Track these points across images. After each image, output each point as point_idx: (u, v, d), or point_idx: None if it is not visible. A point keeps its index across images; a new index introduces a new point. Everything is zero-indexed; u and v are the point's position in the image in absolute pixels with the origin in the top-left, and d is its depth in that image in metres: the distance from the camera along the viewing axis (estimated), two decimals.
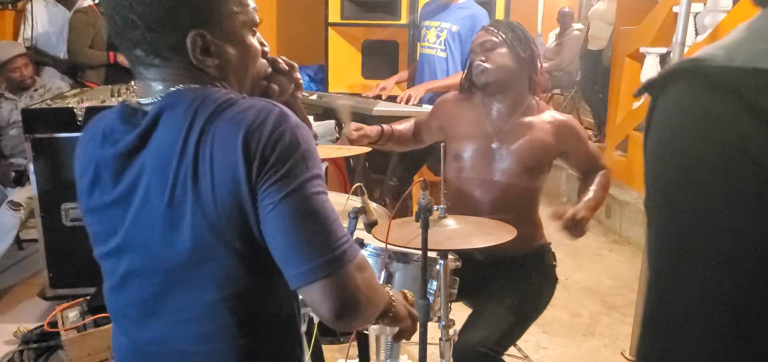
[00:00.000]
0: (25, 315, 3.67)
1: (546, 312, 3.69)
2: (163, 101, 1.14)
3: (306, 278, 1.09)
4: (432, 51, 3.99)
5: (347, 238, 1.12)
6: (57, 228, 3.56)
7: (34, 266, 4.19)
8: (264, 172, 1.06)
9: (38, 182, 3.51)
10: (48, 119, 3.48)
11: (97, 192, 1.20)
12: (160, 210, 1.11)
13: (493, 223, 2.10)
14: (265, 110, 1.09)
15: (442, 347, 2.03)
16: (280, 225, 1.07)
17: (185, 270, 1.14)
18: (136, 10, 1.11)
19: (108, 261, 1.24)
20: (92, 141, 1.22)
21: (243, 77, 1.24)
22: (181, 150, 1.09)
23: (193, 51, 1.14)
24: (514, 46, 2.42)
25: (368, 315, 1.19)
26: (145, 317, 1.21)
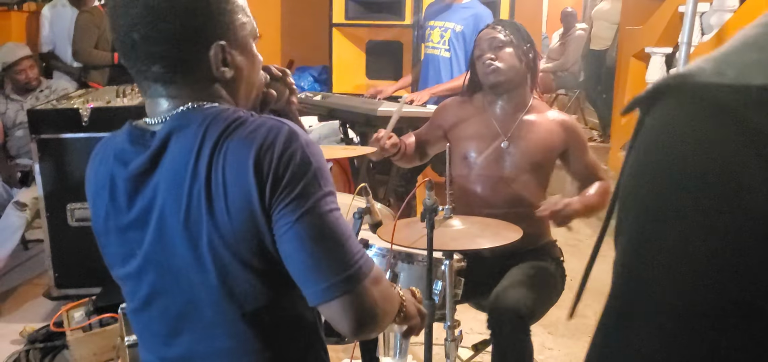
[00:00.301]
0: (31, 315, 3.67)
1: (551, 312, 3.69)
2: (172, 122, 1.14)
3: (324, 296, 1.11)
4: (436, 51, 3.98)
5: (362, 253, 1.14)
6: (62, 229, 3.57)
7: (40, 266, 4.19)
8: (278, 193, 1.08)
9: (44, 182, 3.52)
10: (54, 120, 3.49)
11: (112, 215, 1.20)
12: (178, 230, 1.12)
13: (499, 223, 2.10)
14: (275, 129, 1.10)
15: (447, 347, 2.03)
16: (296, 245, 1.09)
17: (206, 288, 1.15)
18: (158, 26, 1.11)
19: (128, 282, 1.25)
20: (103, 163, 1.22)
21: (250, 87, 1.26)
22: (192, 170, 1.10)
23: (216, 62, 1.15)
24: (520, 45, 2.43)
25: (385, 324, 1.21)
26: (171, 336, 1.23)
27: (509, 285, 2.30)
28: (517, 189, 2.48)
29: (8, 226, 3.82)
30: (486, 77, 2.47)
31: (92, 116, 3.46)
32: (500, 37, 2.44)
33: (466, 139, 2.53)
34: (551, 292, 2.48)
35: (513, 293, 2.24)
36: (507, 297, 2.23)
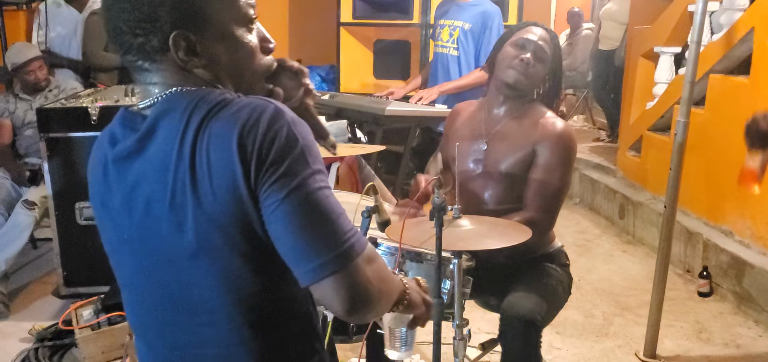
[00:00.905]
0: (39, 314, 3.69)
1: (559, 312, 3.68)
2: (160, 106, 1.14)
3: (315, 275, 1.07)
4: (445, 49, 3.98)
5: (354, 231, 1.11)
6: (71, 227, 3.58)
7: (49, 264, 4.21)
8: (263, 172, 1.05)
9: (53, 181, 3.53)
10: (62, 119, 3.50)
11: (103, 197, 1.22)
12: (164, 214, 1.11)
13: (508, 224, 2.10)
14: (259, 108, 1.07)
15: (455, 346, 2.02)
16: (284, 224, 1.06)
17: (195, 274, 1.13)
18: (121, 17, 1.12)
19: (119, 267, 1.26)
20: (100, 146, 1.24)
21: (239, 76, 1.21)
22: (177, 154, 1.08)
23: (176, 52, 1.12)
24: (555, 65, 2.43)
25: (382, 306, 1.18)
26: (163, 325, 1.22)
27: (522, 294, 2.28)
28: (496, 192, 2.42)
29: (17, 225, 3.83)
30: (511, 73, 2.38)
31: (101, 115, 3.47)
32: (546, 51, 2.38)
33: (456, 139, 2.49)
34: (560, 299, 2.47)
35: (527, 302, 2.23)
36: (521, 306, 2.22)
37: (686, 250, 4.48)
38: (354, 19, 5.51)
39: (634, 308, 3.93)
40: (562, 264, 2.55)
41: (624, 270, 4.59)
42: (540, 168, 2.35)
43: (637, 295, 4.10)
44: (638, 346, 3.44)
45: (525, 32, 2.42)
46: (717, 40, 4.47)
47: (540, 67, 2.39)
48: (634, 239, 5.22)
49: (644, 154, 5.48)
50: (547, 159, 2.34)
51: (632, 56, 5.93)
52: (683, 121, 3.12)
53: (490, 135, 2.44)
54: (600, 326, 3.72)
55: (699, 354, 3.45)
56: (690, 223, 4.51)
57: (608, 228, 5.56)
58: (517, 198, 2.41)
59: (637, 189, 5.47)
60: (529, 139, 2.38)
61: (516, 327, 2.19)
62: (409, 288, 1.32)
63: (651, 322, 3.35)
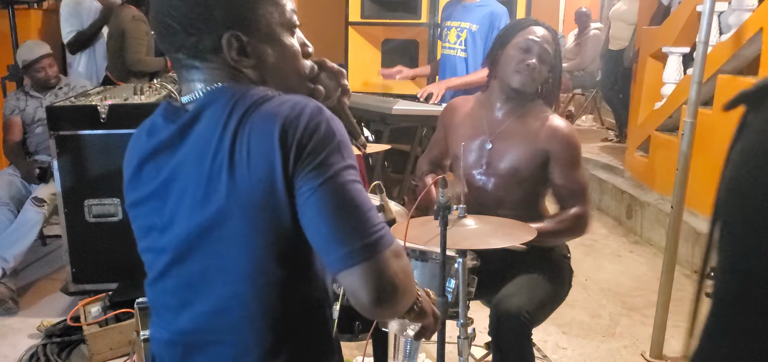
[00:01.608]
0: (48, 310, 3.72)
1: (565, 312, 3.68)
2: (204, 98, 1.19)
3: (345, 262, 1.10)
4: (453, 51, 3.98)
5: (383, 225, 1.14)
6: (80, 225, 3.60)
7: (58, 261, 4.25)
8: (301, 160, 1.09)
9: (62, 179, 3.55)
10: (72, 116, 3.53)
11: (139, 186, 1.25)
12: (198, 200, 1.15)
13: (514, 223, 2.10)
14: (301, 103, 1.13)
15: (460, 345, 2.03)
16: (318, 211, 1.10)
17: (219, 259, 1.17)
18: (173, 16, 1.16)
19: (148, 254, 1.29)
20: (138, 138, 1.28)
21: (283, 78, 1.26)
22: (218, 142, 1.13)
23: (229, 51, 1.18)
24: (556, 66, 2.44)
25: (404, 303, 1.20)
26: (181, 307, 1.25)
27: (513, 291, 2.29)
28: (500, 192, 2.43)
29: (26, 222, 3.86)
30: (518, 78, 2.39)
31: (110, 113, 3.49)
32: (549, 52, 2.40)
33: (458, 137, 2.51)
34: (556, 294, 2.44)
35: (515, 299, 2.24)
36: (509, 303, 2.22)
37: (694, 251, 4.47)
38: (362, 18, 5.51)
39: (640, 308, 3.93)
40: (563, 255, 2.57)
41: (631, 271, 4.59)
42: (565, 169, 2.40)
43: (644, 295, 4.09)
44: (645, 347, 3.43)
45: (528, 33, 2.42)
46: (726, 41, 4.46)
47: (544, 69, 2.42)
48: (642, 239, 5.21)
49: (652, 154, 5.47)
50: (569, 160, 2.40)
51: (641, 56, 5.92)
52: (690, 121, 3.11)
53: (494, 134, 2.45)
54: (606, 326, 3.72)
55: None
56: (698, 224, 4.50)
57: (616, 228, 5.55)
58: (522, 197, 2.42)
59: (645, 190, 5.46)
60: (536, 139, 2.40)
61: (505, 323, 2.20)
62: (421, 297, 1.35)
63: (657, 323, 3.34)
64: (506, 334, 2.21)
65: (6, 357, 3.25)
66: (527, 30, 2.43)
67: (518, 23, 2.54)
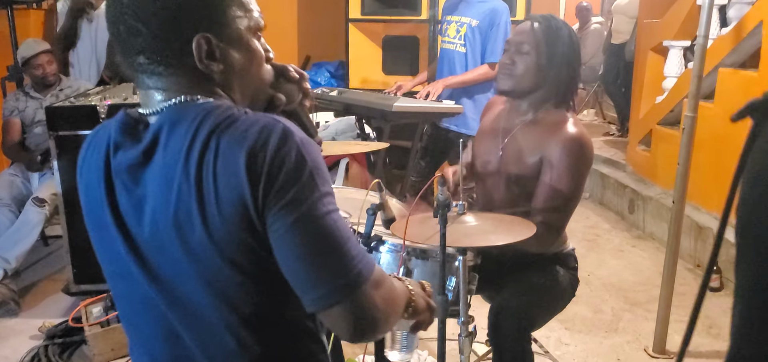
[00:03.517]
0: (50, 311, 3.72)
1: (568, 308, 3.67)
2: (165, 115, 1.11)
3: (322, 303, 1.08)
4: (452, 46, 3.97)
5: (362, 256, 1.10)
6: (81, 225, 3.52)
7: (60, 262, 4.24)
8: (272, 195, 1.04)
9: (62, 179, 3.54)
10: (71, 116, 3.51)
11: (103, 208, 1.16)
12: (168, 229, 1.09)
13: (514, 220, 2.09)
14: (268, 127, 1.06)
15: (461, 343, 2.02)
16: (292, 250, 1.06)
17: (200, 291, 1.11)
18: (140, 17, 1.09)
19: (118, 280, 1.22)
20: (95, 151, 1.19)
21: (247, 84, 1.21)
22: (183, 169, 1.06)
23: (199, 55, 1.11)
24: (549, 54, 2.25)
25: (388, 327, 1.18)
26: (166, 339, 1.19)
27: (512, 294, 2.28)
28: (507, 194, 2.37)
29: (27, 223, 3.86)
30: (498, 80, 2.35)
31: (109, 113, 3.48)
32: (525, 46, 2.27)
33: (482, 134, 2.51)
34: (557, 302, 2.43)
35: (514, 303, 2.22)
36: (508, 306, 2.21)
37: (696, 245, 4.46)
38: (362, 15, 5.51)
39: (643, 303, 3.92)
40: (570, 267, 2.50)
41: (634, 266, 4.58)
42: (548, 173, 2.22)
43: (646, 290, 4.08)
44: (647, 342, 3.43)
45: (510, 36, 2.39)
46: (726, 34, 4.44)
47: (522, 61, 2.28)
48: (644, 234, 5.20)
49: (654, 148, 5.46)
50: (556, 164, 2.21)
51: (642, 50, 5.90)
52: (691, 115, 3.10)
53: (507, 137, 2.38)
54: (609, 321, 3.71)
55: (709, 349, 3.43)
56: (700, 218, 4.49)
57: (618, 222, 5.54)
58: (528, 201, 2.33)
59: (647, 184, 5.45)
60: (541, 144, 2.26)
61: (503, 327, 2.18)
62: (415, 295, 1.32)
63: (660, 317, 3.34)
64: (504, 338, 2.20)
65: (7, 358, 3.25)
66: (512, 33, 2.39)
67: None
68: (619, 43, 7.51)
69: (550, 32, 2.27)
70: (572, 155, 2.20)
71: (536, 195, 2.24)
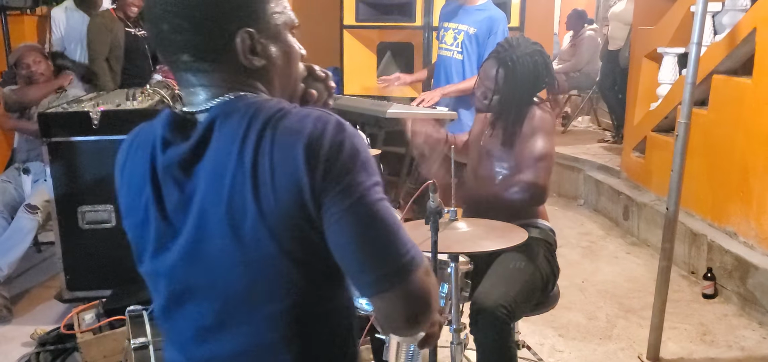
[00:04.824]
0: (42, 318, 3.70)
1: (562, 314, 3.68)
2: (215, 110, 1.13)
3: (378, 286, 1.09)
4: (449, 53, 3.97)
5: (413, 243, 1.11)
6: (74, 231, 3.59)
7: (53, 268, 4.21)
8: (329, 180, 1.06)
9: (55, 185, 3.53)
10: (64, 123, 3.51)
11: (146, 206, 1.17)
12: (218, 220, 1.09)
13: (505, 226, 2.09)
14: (322, 119, 1.08)
15: (452, 351, 2.02)
16: (348, 235, 1.07)
17: (246, 282, 1.12)
18: (183, 14, 1.11)
19: (159, 277, 1.21)
20: (140, 150, 1.20)
21: (286, 79, 1.24)
22: (237, 159, 1.08)
23: (243, 49, 1.14)
24: (516, 84, 2.56)
25: (434, 317, 1.19)
26: (205, 332, 1.19)
27: (488, 286, 2.31)
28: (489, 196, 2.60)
29: (20, 230, 3.84)
30: (475, 101, 2.74)
31: (102, 119, 3.47)
32: (488, 85, 2.62)
33: (470, 140, 2.77)
34: (532, 284, 2.44)
35: (492, 295, 2.25)
36: (486, 299, 2.23)
37: (690, 252, 4.46)
38: (357, 21, 5.50)
39: (637, 310, 3.91)
40: (550, 243, 2.61)
41: (628, 272, 4.58)
42: (523, 141, 2.56)
43: (641, 297, 4.08)
44: (642, 349, 3.42)
45: (484, 63, 2.73)
46: (720, 41, 4.45)
47: (491, 95, 2.64)
48: (639, 240, 5.20)
49: (648, 154, 5.46)
50: (527, 132, 2.56)
51: (636, 57, 5.91)
52: (684, 122, 3.10)
53: (484, 140, 2.70)
54: (603, 328, 3.71)
55: (703, 356, 3.43)
56: (694, 225, 4.49)
57: (613, 229, 5.54)
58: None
59: (642, 191, 5.45)
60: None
61: (483, 321, 2.21)
62: None
63: (654, 325, 3.33)
64: (485, 331, 2.22)
65: None
66: (485, 62, 2.73)
67: None
68: (615, 49, 7.52)
69: (509, 75, 2.58)
70: (534, 118, 2.58)
71: (523, 160, 2.53)
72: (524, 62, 2.56)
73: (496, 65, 2.58)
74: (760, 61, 3.99)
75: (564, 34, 9.80)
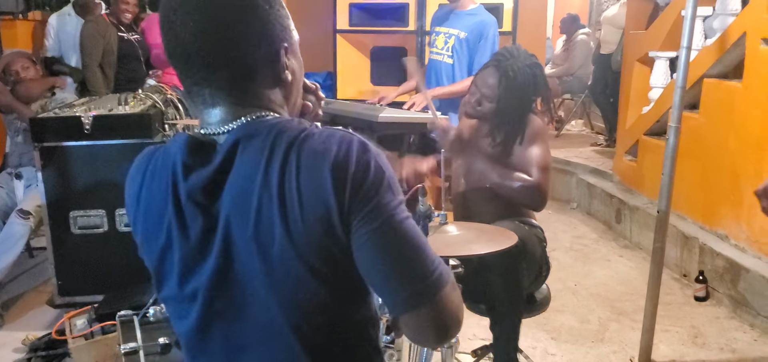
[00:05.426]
0: (34, 323, 3.69)
1: (554, 317, 3.68)
2: (238, 132, 1.12)
3: (408, 305, 1.10)
4: (440, 57, 3.98)
5: (440, 260, 1.13)
6: (65, 237, 3.57)
7: (45, 274, 4.20)
8: (356, 201, 1.06)
9: (47, 190, 3.52)
10: (56, 128, 3.49)
11: (170, 233, 1.16)
12: (245, 242, 1.10)
13: (495, 230, 2.10)
14: (346, 139, 1.09)
15: (443, 354, 2.02)
16: (378, 255, 1.08)
17: (275, 302, 1.12)
18: (232, 33, 1.11)
19: (183, 303, 1.21)
20: (157, 177, 1.18)
21: (297, 94, 1.25)
22: (263, 181, 1.07)
23: (283, 66, 1.17)
24: (512, 97, 2.61)
25: (460, 329, 1.21)
26: (236, 354, 1.19)
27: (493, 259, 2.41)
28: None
29: (12, 235, 3.83)
30: (464, 106, 2.81)
31: (94, 124, 3.46)
32: (486, 92, 2.66)
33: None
34: (533, 264, 2.58)
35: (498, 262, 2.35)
36: (493, 265, 2.36)
37: (682, 255, 4.47)
38: (350, 26, 5.52)
39: (630, 313, 3.93)
40: (541, 239, 2.71)
41: (620, 275, 4.59)
42: (528, 150, 2.63)
43: (633, 300, 4.09)
44: (634, 352, 3.43)
45: (480, 71, 2.79)
46: (711, 45, 4.47)
47: (487, 105, 2.69)
48: (631, 243, 5.22)
49: (640, 158, 5.48)
50: (527, 142, 2.65)
51: (628, 61, 5.94)
52: (675, 126, 3.12)
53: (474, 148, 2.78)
54: (595, 331, 3.72)
55: (694, 358, 3.44)
56: (686, 228, 4.51)
57: (605, 232, 5.55)
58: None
59: (634, 194, 5.47)
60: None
61: (492, 280, 2.38)
62: None
63: (646, 327, 3.34)
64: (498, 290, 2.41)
65: None
66: (482, 69, 2.78)
67: None
68: (607, 52, 7.54)
69: (511, 84, 2.62)
70: (539, 131, 2.67)
71: (525, 167, 2.60)
72: (524, 73, 2.62)
73: (498, 74, 2.63)
74: (750, 65, 4.01)
75: (557, 38, 9.83)
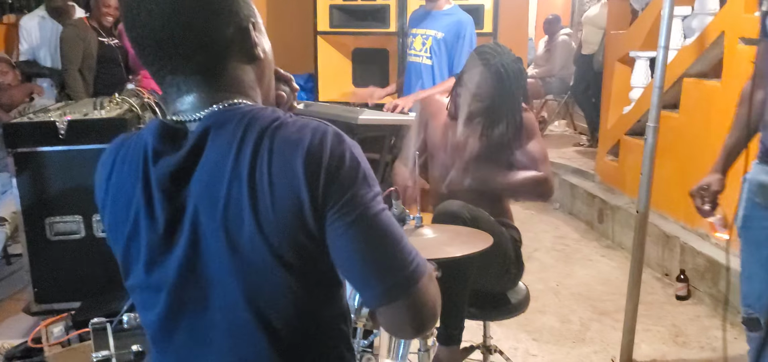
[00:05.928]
0: (10, 331, 3.63)
1: (536, 318, 3.68)
2: (209, 119, 1.10)
3: (387, 297, 1.09)
4: (418, 59, 3.98)
5: (416, 252, 1.12)
6: (41, 243, 3.53)
7: (22, 281, 4.13)
8: (329, 195, 1.04)
9: (22, 196, 3.47)
10: (30, 133, 3.44)
11: (138, 220, 1.13)
12: (213, 231, 1.07)
13: (471, 232, 2.08)
14: (321, 130, 1.07)
15: (420, 358, 2.00)
16: (352, 249, 1.07)
17: (244, 292, 1.10)
18: (188, 9, 1.08)
19: (149, 293, 1.18)
20: (127, 163, 1.15)
21: (269, 80, 1.23)
22: (232, 169, 1.05)
23: (252, 34, 1.15)
24: (505, 88, 2.53)
25: (437, 321, 1.20)
26: (203, 345, 1.17)
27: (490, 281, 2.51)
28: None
29: None
30: (449, 103, 2.74)
31: (69, 129, 3.42)
32: (475, 90, 2.56)
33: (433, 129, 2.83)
34: (502, 257, 2.55)
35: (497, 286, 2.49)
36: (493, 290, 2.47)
37: (664, 254, 4.49)
38: (331, 27, 5.50)
39: (611, 313, 3.93)
40: (516, 240, 2.71)
41: (602, 275, 4.60)
42: (526, 144, 2.63)
43: (614, 300, 4.10)
44: (615, 351, 3.43)
45: (468, 66, 2.65)
46: (690, 45, 4.49)
47: (474, 103, 2.60)
48: (613, 243, 5.23)
49: (622, 158, 5.49)
50: (524, 137, 2.63)
51: (609, 61, 5.95)
52: (653, 125, 3.12)
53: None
54: (577, 331, 3.71)
55: (675, 357, 3.45)
56: (667, 227, 4.52)
57: (587, 232, 5.56)
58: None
59: (616, 194, 5.48)
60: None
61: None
62: None
63: (627, 327, 3.34)
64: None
65: None
66: (469, 63, 2.67)
67: None
68: (588, 53, 7.57)
69: (503, 81, 2.53)
70: (532, 126, 2.67)
71: (527, 162, 2.62)
72: (514, 68, 2.55)
73: (488, 72, 2.54)
74: (729, 64, 4.03)
75: (540, 38, 9.85)
